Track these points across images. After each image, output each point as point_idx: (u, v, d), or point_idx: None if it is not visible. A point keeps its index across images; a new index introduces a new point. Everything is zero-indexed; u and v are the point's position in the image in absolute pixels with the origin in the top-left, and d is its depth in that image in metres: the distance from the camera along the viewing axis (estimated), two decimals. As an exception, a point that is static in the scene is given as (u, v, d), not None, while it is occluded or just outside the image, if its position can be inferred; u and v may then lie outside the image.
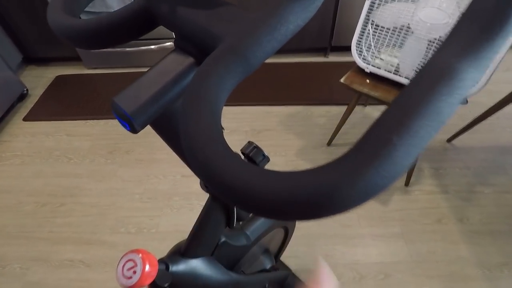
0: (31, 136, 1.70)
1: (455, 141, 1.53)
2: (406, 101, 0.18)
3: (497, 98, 1.29)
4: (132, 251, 0.44)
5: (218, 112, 0.22)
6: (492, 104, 1.32)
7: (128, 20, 0.31)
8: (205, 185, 0.47)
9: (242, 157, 0.54)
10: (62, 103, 1.88)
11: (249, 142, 0.55)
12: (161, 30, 0.35)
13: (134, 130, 0.29)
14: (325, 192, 0.16)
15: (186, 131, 0.20)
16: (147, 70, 0.31)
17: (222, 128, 0.41)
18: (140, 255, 0.43)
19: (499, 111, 1.32)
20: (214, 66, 0.23)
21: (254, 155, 0.52)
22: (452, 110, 0.19)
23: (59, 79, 2.07)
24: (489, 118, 1.36)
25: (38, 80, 2.08)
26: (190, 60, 0.30)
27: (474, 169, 1.41)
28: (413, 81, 0.19)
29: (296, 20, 0.26)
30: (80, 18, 0.33)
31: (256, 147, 0.52)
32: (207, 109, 0.21)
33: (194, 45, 0.29)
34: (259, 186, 0.17)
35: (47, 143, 1.66)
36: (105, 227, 1.30)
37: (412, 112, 0.17)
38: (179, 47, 0.31)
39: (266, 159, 0.53)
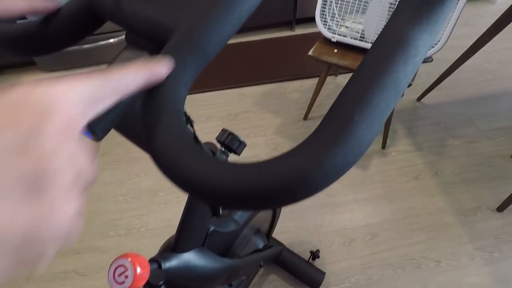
0: (-5, 152, 1.59)
1: (425, 99, 1.58)
2: (364, 75, 0.18)
3: (460, 53, 1.34)
4: (120, 256, 0.43)
5: (181, 110, 0.22)
6: (454, 59, 1.37)
7: (71, 19, 0.28)
8: None
9: (218, 145, 0.54)
10: (24, 112, 1.76)
11: (223, 129, 0.54)
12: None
13: (96, 138, 0.27)
14: (294, 179, 0.16)
15: (151, 140, 0.20)
16: (101, 71, 0.29)
17: (192, 121, 0.39)
18: (129, 258, 0.42)
19: (462, 65, 1.37)
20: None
21: (230, 142, 0.51)
22: (410, 78, 0.19)
23: (15, 87, 1.93)
24: (453, 73, 1.41)
25: None
26: (144, 55, 0.29)
27: (444, 124, 1.48)
28: (370, 53, 0.19)
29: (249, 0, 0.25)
30: (16, 23, 0.30)
31: (231, 133, 0.52)
32: (169, 110, 0.20)
33: (146, 39, 0.28)
34: (233, 182, 0.17)
35: (14, 157, 1.57)
36: (93, 233, 1.27)
37: (371, 87, 0.17)
38: (131, 42, 0.29)
39: (242, 144, 0.53)
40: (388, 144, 1.42)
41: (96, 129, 0.27)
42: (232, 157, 0.55)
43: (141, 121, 0.22)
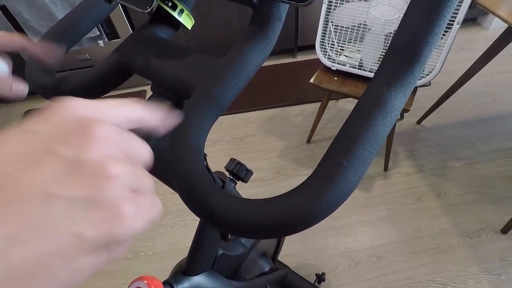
0: (9, 176, 1.65)
1: (424, 122, 1.63)
2: (350, 129, 0.23)
3: (457, 77, 1.40)
4: (137, 279, 0.46)
5: (202, 153, 0.26)
6: (452, 83, 1.42)
7: (106, 75, 0.34)
8: None
9: (227, 173, 0.58)
10: (37, 137, 1.84)
11: (231, 159, 0.58)
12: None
13: None
14: (296, 214, 0.20)
15: (178, 179, 0.24)
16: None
17: (205, 155, 0.44)
18: (146, 281, 0.46)
19: (460, 88, 1.42)
20: (192, 115, 0.27)
21: (238, 171, 0.56)
22: (388, 130, 0.23)
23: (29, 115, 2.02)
24: (451, 96, 1.46)
25: (6, 118, 2.02)
26: (167, 104, 0.34)
27: (445, 146, 1.52)
28: (355, 109, 0.24)
29: (257, 61, 0.31)
30: (56, 76, 0.36)
31: (239, 163, 0.56)
32: (192, 153, 0.25)
33: (170, 91, 0.33)
34: (246, 216, 0.21)
35: (27, 181, 1.62)
36: (101, 256, 1.29)
37: (356, 138, 0.22)
38: (156, 92, 0.35)
39: (249, 172, 0.57)
40: (390, 166, 1.45)
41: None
42: (240, 184, 0.59)
43: (169, 162, 0.27)
